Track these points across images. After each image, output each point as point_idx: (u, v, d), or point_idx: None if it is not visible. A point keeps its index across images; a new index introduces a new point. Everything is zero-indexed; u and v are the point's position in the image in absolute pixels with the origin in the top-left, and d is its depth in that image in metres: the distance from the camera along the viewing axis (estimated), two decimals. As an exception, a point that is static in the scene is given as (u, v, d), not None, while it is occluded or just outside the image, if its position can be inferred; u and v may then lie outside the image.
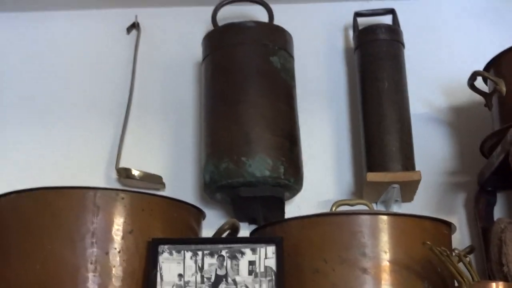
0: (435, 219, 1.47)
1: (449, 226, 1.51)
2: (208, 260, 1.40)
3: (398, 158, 1.71)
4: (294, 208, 1.80)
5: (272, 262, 1.39)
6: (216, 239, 1.45)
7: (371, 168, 1.72)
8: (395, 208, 1.78)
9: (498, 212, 1.75)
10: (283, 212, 1.75)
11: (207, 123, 1.76)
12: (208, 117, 1.76)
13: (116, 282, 1.37)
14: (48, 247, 1.37)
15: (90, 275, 1.36)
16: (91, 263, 1.36)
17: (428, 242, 1.37)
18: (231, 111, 1.71)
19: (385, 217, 1.42)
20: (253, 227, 1.78)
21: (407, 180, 1.68)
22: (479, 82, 1.71)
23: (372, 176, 1.67)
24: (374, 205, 1.75)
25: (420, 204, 1.80)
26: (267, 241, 1.40)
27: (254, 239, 1.43)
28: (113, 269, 1.37)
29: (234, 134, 1.69)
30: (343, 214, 1.44)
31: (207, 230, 1.59)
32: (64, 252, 1.36)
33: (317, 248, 1.40)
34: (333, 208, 1.57)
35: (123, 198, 1.41)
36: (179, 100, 1.97)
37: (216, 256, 1.40)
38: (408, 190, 1.73)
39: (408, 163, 1.72)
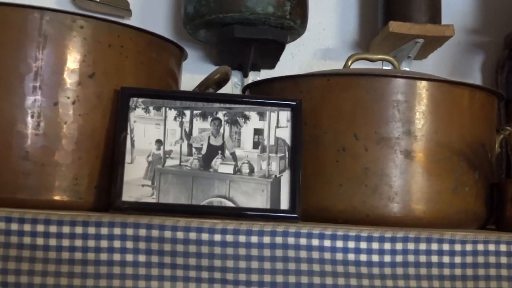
0: (491, 91, 0.94)
1: (499, 101, 0.98)
2: (198, 124, 0.83)
3: (425, 8, 1.15)
4: (286, 55, 1.23)
5: (285, 134, 0.84)
6: (210, 95, 0.86)
7: (391, 16, 1.15)
8: (404, 66, 1.24)
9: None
10: (276, 61, 1.19)
11: None
12: None
13: (68, 144, 0.79)
14: (-32, 89, 0.78)
15: (31, 133, 0.77)
16: (32, 117, 0.77)
17: (508, 128, 0.85)
18: None
19: (445, 86, 0.86)
20: (237, 74, 1.23)
21: (436, 35, 1.13)
22: None
23: (396, 26, 1.10)
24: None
25: (433, 63, 1.27)
26: (280, 104, 0.85)
27: (264, 99, 0.84)
28: (64, 126, 0.78)
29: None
30: (388, 76, 0.86)
31: (183, 75, 1.02)
32: (-8, 98, 0.78)
33: (346, 119, 0.85)
34: (349, 63, 1.01)
35: (82, 27, 0.80)
36: None
37: (210, 119, 0.83)
38: (429, 47, 1.19)
39: (437, 15, 1.16)
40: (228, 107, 0.83)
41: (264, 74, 1.22)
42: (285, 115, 0.83)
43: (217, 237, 0.74)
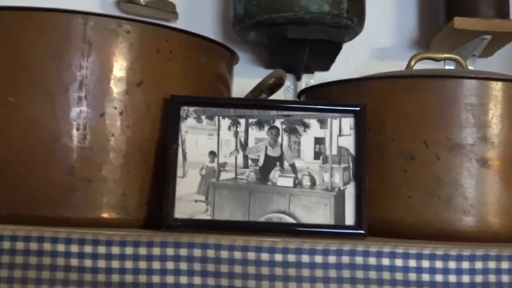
0: None
1: None
2: (254, 133, 0.77)
3: (492, 1, 1.07)
4: (341, 56, 1.16)
5: (349, 142, 0.77)
6: (266, 102, 0.81)
7: (454, 11, 1.07)
8: (468, 64, 1.16)
9: None
10: (332, 62, 1.12)
11: None
12: None
13: (115, 158, 0.74)
14: (9, 101, 0.72)
15: (76, 146, 0.72)
16: (78, 129, 0.73)
17: None
18: None
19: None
20: (289, 77, 1.17)
21: (505, 31, 1.05)
22: None
23: (462, 22, 1.03)
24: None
25: (499, 61, 1.19)
26: (342, 110, 0.79)
27: (325, 105, 0.77)
28: (112, 139, 0.74)
29: None
30: (460, 77, 0.78)
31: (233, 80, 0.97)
32: (35, 110, 0.71)
33: (414, 125, 0.78)
34: (412, 63, 0.95)
35: (128, 32, 0.75)
36: None
37: (266, 128, 0.77)
38: (496, 44, 1.11)
39: (505, 9, 1.08)
40: (286, 114, 0.77)
41: (318, 76, 1.16)
42: (347, 122, 0.77)
43: (278, 257, 0.68)
